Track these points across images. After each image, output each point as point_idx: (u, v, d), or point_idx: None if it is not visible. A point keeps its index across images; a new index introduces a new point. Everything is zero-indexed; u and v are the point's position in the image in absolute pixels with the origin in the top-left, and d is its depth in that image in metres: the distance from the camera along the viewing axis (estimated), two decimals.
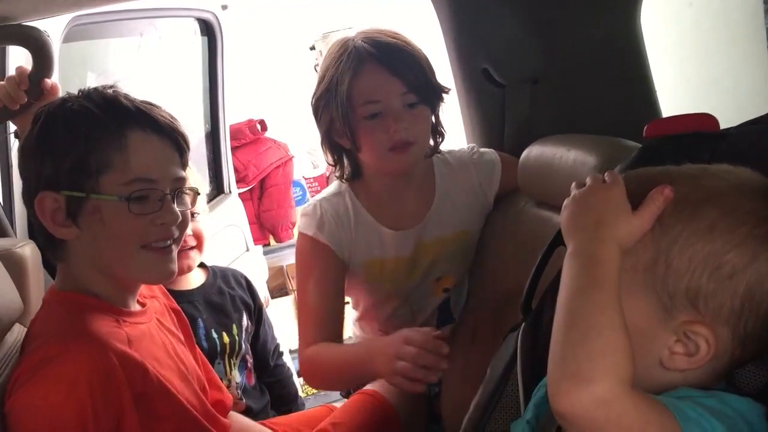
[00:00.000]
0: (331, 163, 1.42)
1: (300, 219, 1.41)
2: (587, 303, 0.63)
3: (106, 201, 0.99)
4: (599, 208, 0.68)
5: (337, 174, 1.42)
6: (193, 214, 1.50)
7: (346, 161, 1.40)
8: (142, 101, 1.05)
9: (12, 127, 1.43)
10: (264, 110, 3.45)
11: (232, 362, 1.55)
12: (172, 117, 1.07)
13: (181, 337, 1.19)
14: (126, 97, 1.04)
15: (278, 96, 3.74)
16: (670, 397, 0.64)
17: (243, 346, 1.58)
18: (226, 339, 1.53)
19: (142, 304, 1.12)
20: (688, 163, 0.72)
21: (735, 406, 0.64)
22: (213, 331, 1.52)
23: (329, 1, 3.68)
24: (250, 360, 1.63)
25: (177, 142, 1.06)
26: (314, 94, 1.36)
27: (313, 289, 1.34)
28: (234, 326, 1.57)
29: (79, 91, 1.05)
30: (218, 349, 1.51)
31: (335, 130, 1.35)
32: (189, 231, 1.47)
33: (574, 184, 0.73)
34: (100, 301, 1.03)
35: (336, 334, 1.34)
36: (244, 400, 1.56)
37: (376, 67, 1.29)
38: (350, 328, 1.65)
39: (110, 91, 1.05)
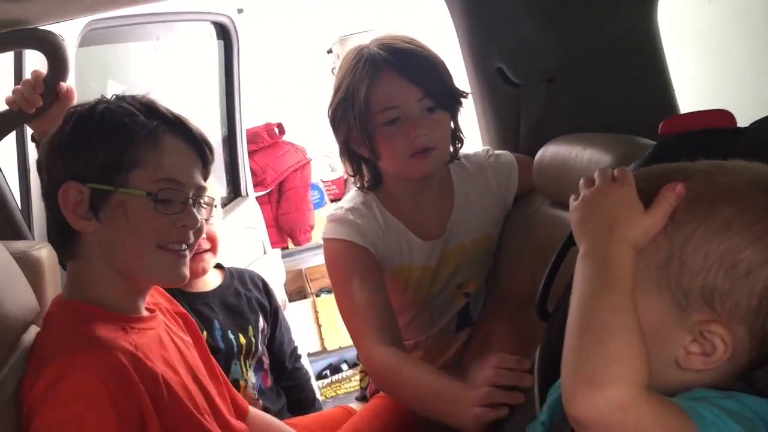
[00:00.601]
0: (351, 173, 1.41)
1: (328, 225, 1.39)
2: (601, 306, 0.62)
3: (133, 195, 1.01)
4: (611, 208, 0.67)
5: (357, 184, 1.41)
6: (214, 207, 1.51)
7: (365, 171, 1.40)
8: (176, 112, 1.09)
9: (29, 131, 1.44)
10: (282, 114, 3.46)
11: (248, 363, 1.55)
12: (202, 130, 1.11)
13: (190, 341, 1.19)
14: (161, 104, 1.08)
15: (296, 100, 3.75)
16: (686, 399, 0.63)
17: (259, 347, 1.58)
18: (242, 340, 1.54)
19: (151, 310, 1.12)
20: (703, 160, 0.70)
21: (753, 407, 0.62)
22: (229, 332, 1.52)
23: (346, 4, 3.68)
24: (266, 361, 1.63)
25: (204, 153, 1.09)
26: (331, 104, 1.36)
27: (361, 288, 1.29)
28: (250, 327, 1.57)
29: (114, 95, 1.08)
30: (235, 350, 1.51)
31: (353, 140, 1.34)
32: (203, 234, 1.48)
33: (582, 182, 0.72)
34: (106, 310, 1.03)
35: (396, 330, 1.29)
36: (260, 401, 1.56)
37: (392, 74, 1.28)
38: None
39: (145, 98, 1.08)
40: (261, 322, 1.61)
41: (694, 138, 0.84)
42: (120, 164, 1.01)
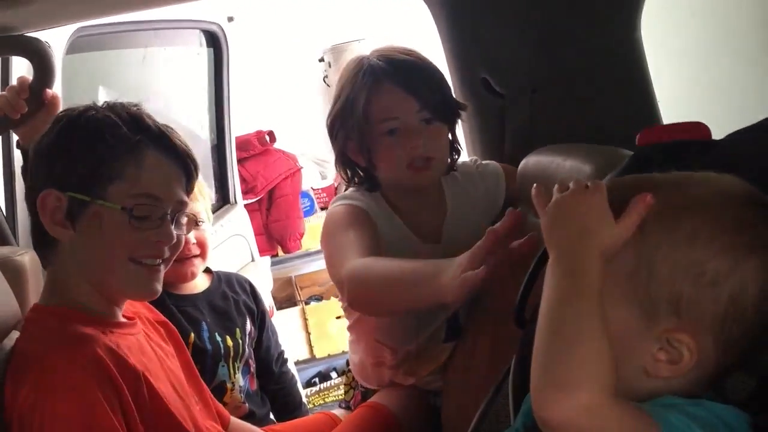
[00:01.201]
0: (346, 180, 1.42)
1: (336, 200, 1.39)
2: (569, 312, 0.62)
3: (109, 209, 1.01)
4: (581, 216, 0.67)
5: (355, 182, 1.41)
6: (197, 222, 1.52)
7: (362, 176, 1.39)
8: (163, 125, 1.09)
9: (15, 137, 1.45)
10: (273, 122, 3.47)
11: (236, 366, 1.55)
12: (186, 144, 1.10)
13: (172, 351, 1.19)
14: (148, 116, 1.08)
15: (287, 107, 3.76)
16: (654, 405, 0.63)
17: (246, 350, 1.59)
18: (229, 342, 1.54)
19: (130, 318, 1.12)
20: (675, 171, 0.71)
21: (720, 414, 0.63)
22: (216, 334, 1.53)
23: (338, 13, 3.70)
24: (252, 365, 1.63)
25: (188, 168, 1.10)
26: (330, 113, 1.37)
27: (356, 240, 1.22)
28: (237, 330, 1.57)
29: (105, 102, 1.08)
30: (222, 351, 1.52)
31: (351, 148, 1.35)
32: (192, 239, 1.49)
33: (556, 187, 0.73)
34: (85, 314, 1.03)
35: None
36: (247, 405, 1.56)
37: (391, 86, 1.29)
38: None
39: (135, 108, 1.08)
40: (248, 325, 1.62)
41: (668, 149, 0.85)
42: (99, 176, 1.01)
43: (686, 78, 2.11)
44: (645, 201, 0.65)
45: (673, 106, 1.59)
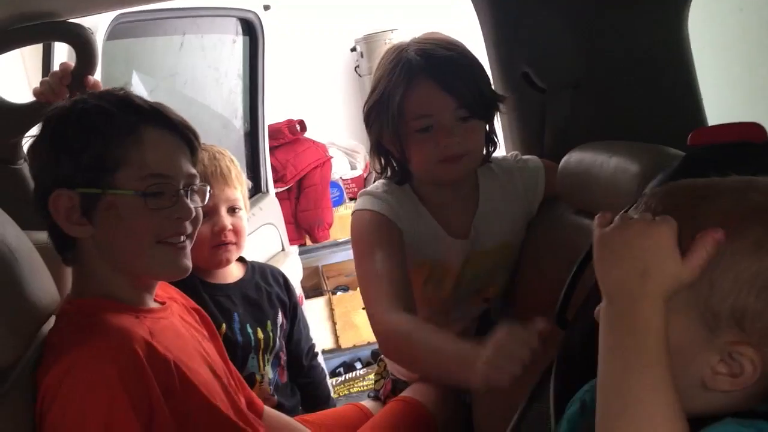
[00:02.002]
0: (379, 170, 1.41)
1: (361, 199, 1.38)
2: (640, 381, 0.58)
3: (123, 196, 1.00)
4: (645, 252, 0.61)
5: (385, 178, 1.41)
6: (234, 209, 1.51)
7: (395, 167, 1.39)
8: (154, 102, 1.07)
9: None
10: (303, 111, 3.47)
11: (266, 358, 1.56)
12: (182, 117, 1.09)
13: (206, 334, 1.19)
14: (137, 97, 1.06)
15: (318, 97, 3.76)
16: None
17: (277, 342, 1.59)
18: (260, 334, 1.54)
19: (162, 302, 1.12)
20: (734, 175, 0.69)
21: None
22: (248, 326, 1.53)
23: (371, 2, 3.67)
24: (283, 357, 1.63)
25: (189, 139, 1.08)
26: (367, 102, 1.36)
27: (383, 258, 1.27)
28: (269, 322, 1.57)
29: (89, 93, 1.07)
30: (252, 344, 1.52)
31: (386, 139, 1.34)
32: (229, 226, 1.49)
33: (597, 220, 0.68)
34: (117, 302, 1.03)
35: (411, 301, 1.26)
36: (276, 397, 1.56)
37: (428, 82, 1.27)
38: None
39: (121, 91, 1.06)
40: (280, 318, 1.62)
41: (723, 151, 0.83)
42: (104, 165, 1.00)
43: (732, 76, 2.06)
44: (714, 238, 0.61)
45: (717, 105, 1.56)
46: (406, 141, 1.30)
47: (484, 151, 1.39)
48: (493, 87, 1.38)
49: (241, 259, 1.62)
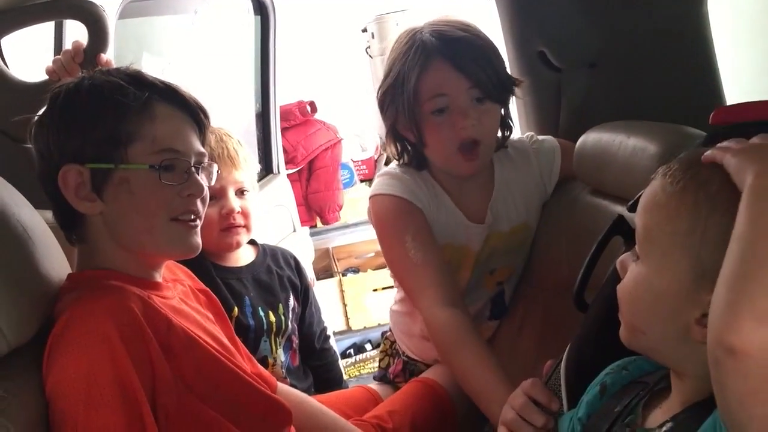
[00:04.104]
0: (395, 155, 1.40)
1: (379, 180, 1.37)
2: None
3: (135, 171, 0.98)
4: None
5: (401, 163, 1.39)
6: (242, 191, 1.50)
7: (411, 153, 1.38)
8: (165, 79, 1.06)
9: None
10: (314, 92, 3.45)
11: (278, 341, 1.55)
12: (193, 96, 1.07)
13: (210, 316, 1.17)
14: (149, 74, 1.05)
15: (329, 78, 3.73)
16: None
17: (289, 326, 1.58)
18: (272, 317, 1.54)
19: (165, 282, 1.10)
20: None
21: None
22: (260, 309, 1.52)
23: None
24: (295, 341, 1.63)
25: (199, 118, 1.06)
26: (380, 87, 1.35)
27: (415, 245, 1.28)
28: (281, 305, 1.57)
29: (98, 70, 1.05)
30: (264, 327, 1.51)
31: (401, 124, 1.33)
32: (237, 208, 1.48)
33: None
34: (120, 273, 1.01)
35: (456, 288, 1.30)
36: (288, 380, 1.56)
37: (443, 63, 1.26)
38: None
39: (132, 68, 1.05)
40: (291, 301, 1.61)
41: (748, 130, 0.81)
42: (117, 140, 0.98)
43: (750, 51, 2.02)
44: None
45: (735, 81, 1.53)
46: (422, 124, 1.29)
47: (500, 136, 1.38)
48: (508, 69, 1.37)
49: (252, 242, 1.61)
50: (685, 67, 1.44)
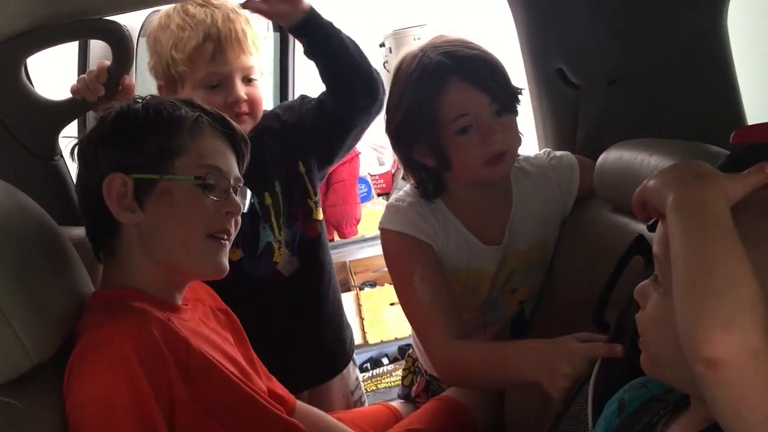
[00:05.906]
0: (415, 185, 1.39)
1: (388, 213, 1.37)
2: (722, 252, 0.59)
3: (179, 182, 1.02)
4: (695, 167, 0.66)
5: (421, 193, 1.38)
6: (249, 79, 1.41)
7: (428, 180, 1.37)
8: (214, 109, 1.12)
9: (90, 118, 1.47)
10: None
11: (281, 221, 1.47)
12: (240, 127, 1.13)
13: (229, 338, 1.18)
14: (198, 101, 1.11)
15: None
16: None
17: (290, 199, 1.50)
18: (268, 200, 1.47)
19: (186, 304, 1.12)
20: None
21: None
22: (253, 196, 1.47)
23: None
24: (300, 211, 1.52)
25: (239, 146, 1.11)
26: (390, 120, 1.34)
27: (423, 285, 1.29)
28: (276, 183, 1.48)
29: (149, 95, 1.11)
30: (260, 213, 1.46)
31: (417, 151, 1.33)
32: (243, 96, 1.39)
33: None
34: (143, 293, 1.03)
35: (461, 322, 1.32)
36: (297, 260, 1.49)
37: (460, 82, 1.26)
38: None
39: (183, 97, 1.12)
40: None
41: None
42: (166, 152, 1.02)
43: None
44: (765, 170, 0.64)
45: (756, 103, 1.52)
46: (447, 147, 1.29)
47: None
48: (526, 85, 1.37)
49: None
50: (704, 84, 1.43)
